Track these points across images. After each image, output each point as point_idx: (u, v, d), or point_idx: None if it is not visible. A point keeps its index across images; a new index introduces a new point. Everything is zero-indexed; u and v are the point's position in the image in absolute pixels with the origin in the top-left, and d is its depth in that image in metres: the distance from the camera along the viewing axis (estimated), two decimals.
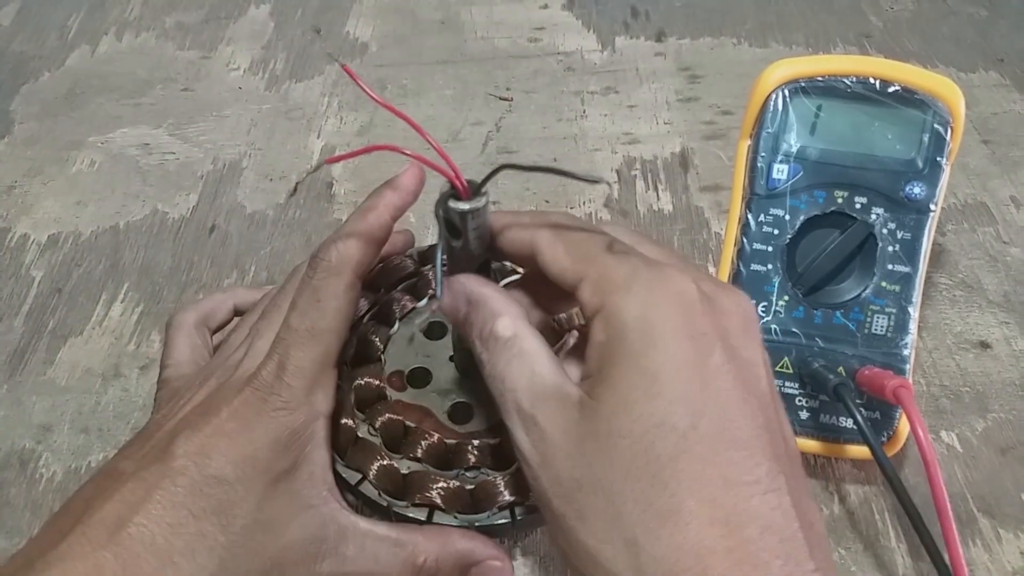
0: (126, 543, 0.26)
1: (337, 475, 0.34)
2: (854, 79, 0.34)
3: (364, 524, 0.31)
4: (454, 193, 0.29)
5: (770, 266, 0.35)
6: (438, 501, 0.32)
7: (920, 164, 0.34)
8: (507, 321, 0.28)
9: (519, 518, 0.32)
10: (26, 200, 0.52)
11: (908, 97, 0.34)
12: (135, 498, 0.27)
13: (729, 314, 0.25)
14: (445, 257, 0.31)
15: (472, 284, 0.29)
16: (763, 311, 0.35)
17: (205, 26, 0.66)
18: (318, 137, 0.55)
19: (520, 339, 0.27)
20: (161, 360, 0.36)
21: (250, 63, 0.62)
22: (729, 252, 0.36)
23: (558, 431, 0.25)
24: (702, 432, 0.23)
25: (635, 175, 0.52)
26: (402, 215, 0.32)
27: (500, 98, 0.59)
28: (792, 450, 0.25)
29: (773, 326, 0.35)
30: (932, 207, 0.34)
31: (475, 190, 0.29)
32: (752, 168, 0.35)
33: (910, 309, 0.34)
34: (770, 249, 0.35)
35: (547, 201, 0.50)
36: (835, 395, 0.32)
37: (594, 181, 0.25)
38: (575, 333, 0.34)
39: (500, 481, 0.33)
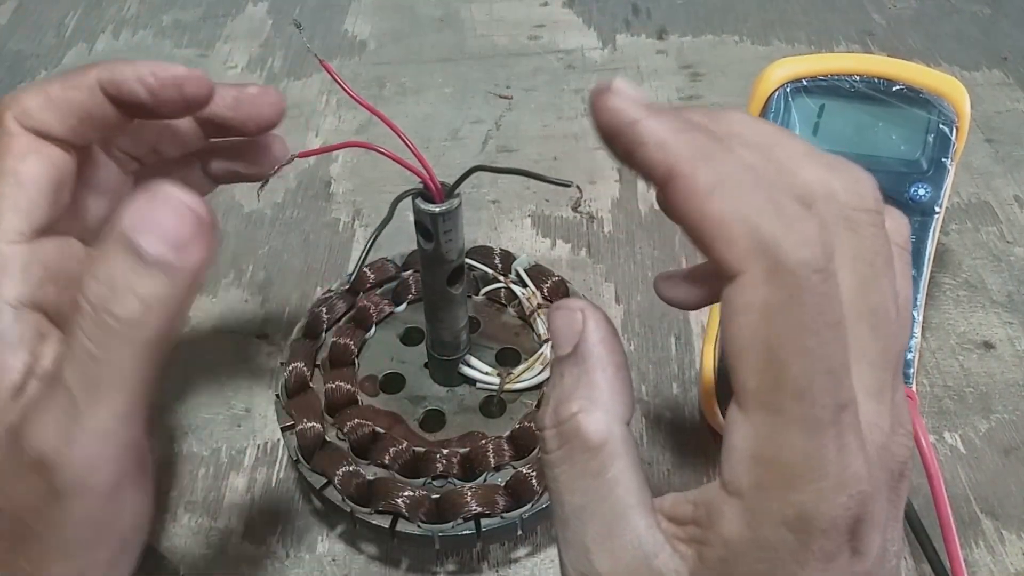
0: None
1: (302, 479, 0.34)
2: (857, 78, 0.34)
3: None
4: (426, 194, 0.28)
5: None
6: (403, 509, 0.32)
7: (925, 165, 0.34)
8: (601, 420, 0.20)
9: (484, 529, 0.32)
10: None
11: (912, 96, 0.34)
12: None
13: (890, 487, 0.19)
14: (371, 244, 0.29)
15: (592, 324, 0.21)
16: None
17: (202, 24, 0.66)
18: (316, 135, 0.55)
19: (612, 456, 0.19)
20: None
21: (248, 61, 0.62)
22: None
23: None
24: None
25: (636, 174, 0.52)
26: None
27: (500, 96, 0.58)
28: None
29: None
30: (937, 209, 0.34)
31: (448, 192, 0.28)
32: None
33: (913, 313, 0.34)
34: None
35: (547, 200, 0.50)
36: None
37: (564, 184, 0.24)
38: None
39: (467, 491, 0.32)
